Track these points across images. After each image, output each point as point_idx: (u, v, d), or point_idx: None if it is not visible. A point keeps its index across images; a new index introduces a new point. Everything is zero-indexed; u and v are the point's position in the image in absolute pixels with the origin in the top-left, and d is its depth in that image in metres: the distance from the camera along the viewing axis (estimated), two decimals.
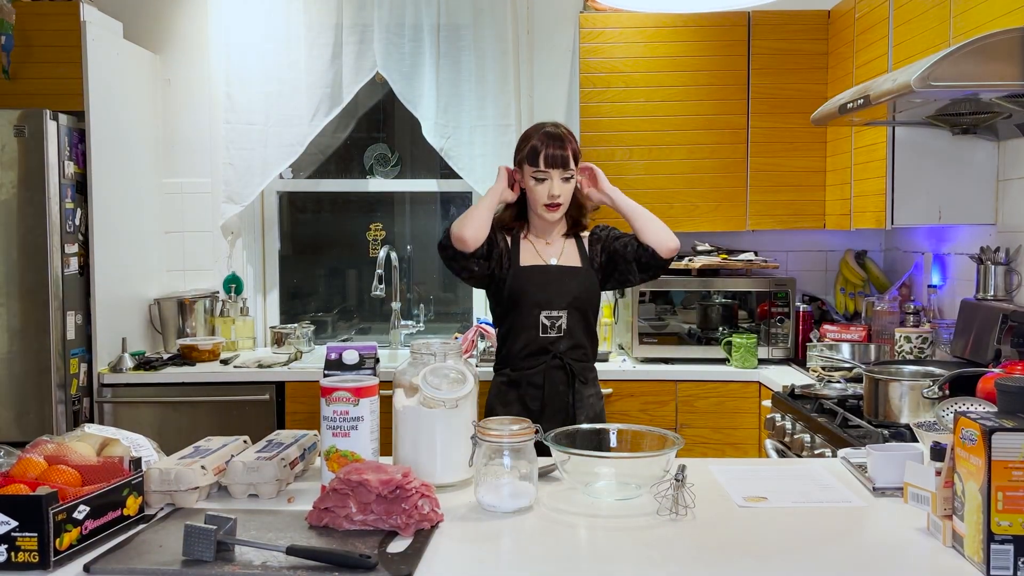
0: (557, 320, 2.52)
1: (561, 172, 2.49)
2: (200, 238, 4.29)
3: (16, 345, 3.47)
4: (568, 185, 2.52)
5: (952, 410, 2.07)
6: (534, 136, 2.53)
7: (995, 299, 2.96)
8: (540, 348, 2.53)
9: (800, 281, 4.17)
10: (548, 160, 2.48)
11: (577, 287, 2.55)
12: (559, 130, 2.54)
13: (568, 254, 2.60)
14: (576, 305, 2.54)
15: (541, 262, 2.57)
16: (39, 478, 1.57)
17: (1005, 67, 2.27)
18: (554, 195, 2.50)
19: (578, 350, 2.56)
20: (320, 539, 1.56)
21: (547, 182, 2.50)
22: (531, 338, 2.53)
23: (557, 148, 2.48)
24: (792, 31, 3.85)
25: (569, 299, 2.53)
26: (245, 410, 3.66)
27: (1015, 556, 1.39)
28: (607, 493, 1.80)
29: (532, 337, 2.53)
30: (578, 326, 2.55)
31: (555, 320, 2.52)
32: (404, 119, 4.37)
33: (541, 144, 2.49)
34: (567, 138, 2.52)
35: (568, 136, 2.53)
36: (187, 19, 4.26)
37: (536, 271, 2.55)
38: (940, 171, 3.13)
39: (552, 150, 2.48)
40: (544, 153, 2.48)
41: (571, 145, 2.52)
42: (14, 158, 3.43)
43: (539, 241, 2.61)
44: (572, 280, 2.56)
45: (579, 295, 2.55)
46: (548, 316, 2.52)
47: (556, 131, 2.53)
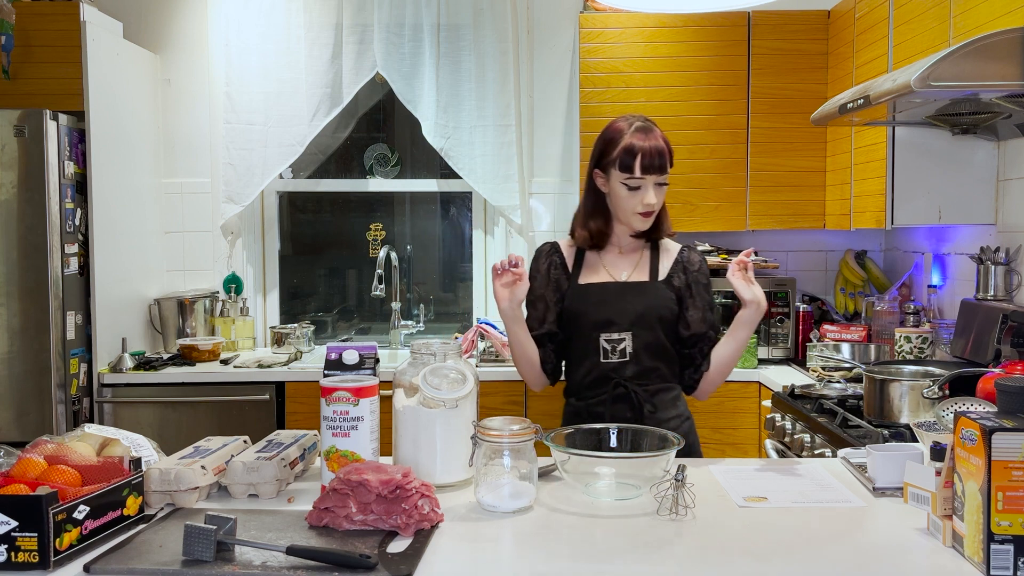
0: (620, 343, 2.20)
1: (657, 177, 2.18)
2: (200, 238, 4.29)
3: (16, 345, 3.47)
4: (663, 189, 2.21)
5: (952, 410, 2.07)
6: (624, 135, 2.18)
7: (995, 299, 2.96)
8: (603, 375, 2.22)
9: (800, 281, 4.17)
10: (645, 164, 2.15)
11: (643, 304, 2.21)
12: (650, 128, 2.20)
13: (640, 267, 2.28)
14: (640, 324, 2.21)
15: (604, 278, 2.26)
16: (39, 478, 1.57)
17: (1005, 67, 2.27)
18: (649, 203, 2.18)
19: (649, 374, 2.23)
20: (320, 539, 1.56)
21: (641, 190, 2.17)
22: (593, 364, 2.23)
23: (655, 149, 2.16)
24: (792, 31, 3.85)
25: (632, 318, 2.20)
26: (245, 410, 3.66)
27: (1015, 556, 1.39)
28: (607, 493, 1.80)
29: (595, 363, 2.23)
30: (646, 349, 2.21)
31: (617, 343, 2.21)
32: (404, 119, 4.37)
33: (636, 147, 2.15)
34: (661, 138, 2.19)
35: (660, 134, 2.20)
36: (187, 19, 4.26)
37: (596, 289, 2.24)
38: (940, 171, 3.13)
39: (651, 152, 2.15)
40: (641, 159, 2.15)
41: (667, 145, 2.20)
42: (14, 158, 3.43)
43: (610, 252, 2.30)
44: (637, 297, 2.23)
45: (644, 313, 2.21)
46: (608, 339, 2.21)
47: (642, 129, 2.18)
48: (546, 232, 4.29)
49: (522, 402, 3.67)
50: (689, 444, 2.22)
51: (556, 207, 4.30)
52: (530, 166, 4.28)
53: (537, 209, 4.31)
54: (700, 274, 2.29)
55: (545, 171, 4.30)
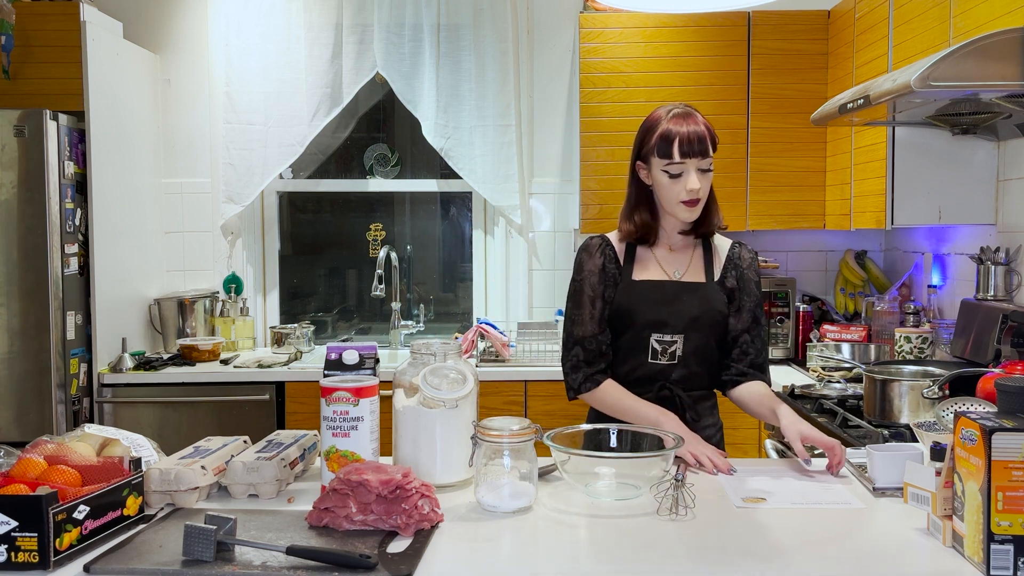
0: (671, 346, 2.14)
1: (699, 162, 2.08)
2: (200, 238, 4.29)
3: (16, 345, 3.47)
4: (708, 175, 2.11)
5: (952, 410, 2.07)
6: (662, 121, 2.10)
7: (995, 299, 2.96)
8: (648, 375, 2.15)
9: (800, 281, 4.17)
10: (684, 149, 2.06)
11: (699, 307, 2.14)
12: (689, 113, 2.12)
13: (695, 266, 2.20)
14: (695, 329, 2.14)
15: (659, 276, 2.18)
16: (39, 478, 1.57)
17: (1005, 67, 2.27)
18: (692, 189, 2.07)
19: (694, 379, 2.17)
20: (320, 539, 1.56)
21: (683, 176, 2.08)
22: (639, 363, 2.16)
23: (694, 134, 2.07)
24: (792, 31, 3.85)
25: (687, 321, 2.13)
26: (245, 410, 3.66)
27: (1015, 556, 1.39)
28: (607, 493, 1.80)
29: (640, 362, 2.16)
30: (695, 353, 2.15)
31: (668, 345, 2.14)
32: (404, 119, 4.37)
33: (674, 131, 2.07)
34: (701, 121, 2.11)
35: (701, 118, 2.12)
36: (187, 19, 4.26)
37: (650, 287, 2.16)
38: (940, 171, 3.13)
39: (689, 137, 2.06)
40: (679, 141, 2.06)
41: (708, 129, 2.11)
42: (14, 158, 3.43)
43: (660, 249, 2.21)
44: (692, 298, 2.15)
45: (700, 316, 2.13)
46: (660, 340, 2.13)
47: (681, 114, 2.10)
48: (546, 232, 4.29)
49: (522, 402, 3.67)
50: None
51: (556, 207, 4.30)
52: (530, 166, 4.28)
53: (537, 209, 4.31)
54: (751, 271, 2.23)
55: (545, 171, 4.30)
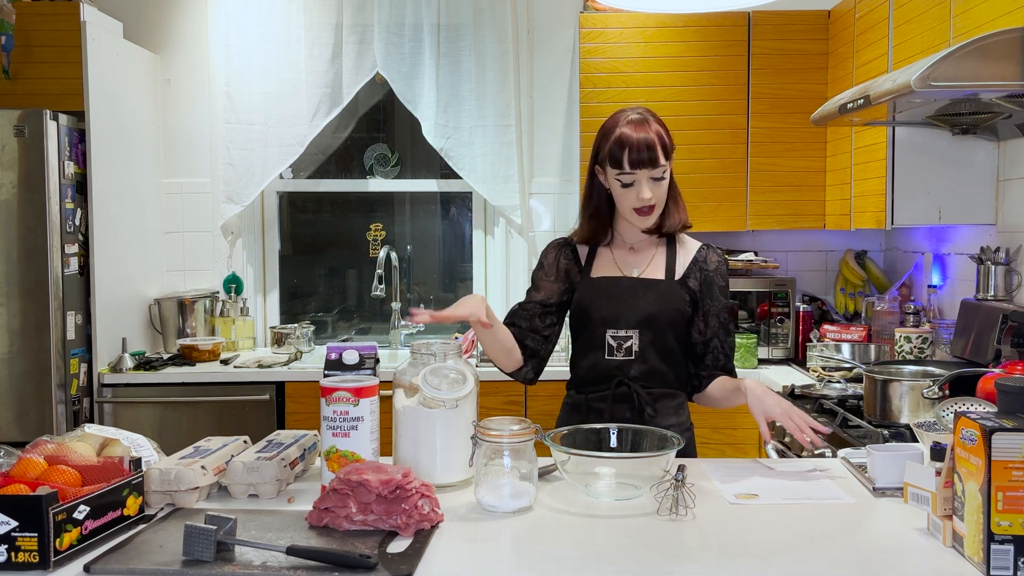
0: (626, 341, 2.15)
1: (649, 171, 2.09)
2: (200, 238, 4.29)
3: (16, 345, 3.47)
4: (661, 183, 2.12)
5: (952, 410, 2.07)
6: (614, 131, 2.12)
7: (995, 299, 2.96)
8: (605, 372, 2.17)
9: (800, 281, 4.17)
10: (634, 159, 2.08)
11: (653, 303, 2.15)
12: (644, 120, 2.12)
13: (655, 264, 2.21)
14: (650, 324, 2.14)
15: (616, 273, 2.21)
16: (39, 478, 1.57)
17: (1005, 67, 2.27)
18: (644, 198, 2.10)
19: (654, 376, 2.17)
20: (320, 539, 1.56)
21: (635, 186, 2.10)
22: (596, 360, 2.18)
23: (643, 143, 2.08)
24: (792, 31, 3.85)
25: (641, 316, 2.14)
26: (245, 410, 3.66)
27: (1015, 556, 1.39)
28: (607, 493, 1.80)
29: (598, 359, 2.17)
30: (653, 349, 2.15)
31: (623, 341, 2.15)
32: (404, 119, 4.37)
33: (624, 140, 2.09)
34: (653, 130, 2.11)
35: (655, 126, 2.12)
36: (187, 19, 4.26)
37: (605, 283, 2.19)
38: (940, 171, 3.13)
39: (639, 147, 2.07)
40: (628, 153, 2.08)
41: (659, 136, 2.10)
42: (14, 158, 3.43)
43: (622, 249, 2.24)
44: (648, 294, 2.16)
45: (655, 313, 2.14)
46: (615, 336, 2.15)
47: (635, 121, 2.11)
48: (546, 232, 4.29)
49: (522, 402, 3.67)
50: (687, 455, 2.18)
51: (556, 207, 4.30)
52: (530, 166, 4.28)
53: (537, 209, 4.31)
54: (717, 275, 2.22)
55: (545, 171, 4.30)
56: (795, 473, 1.97)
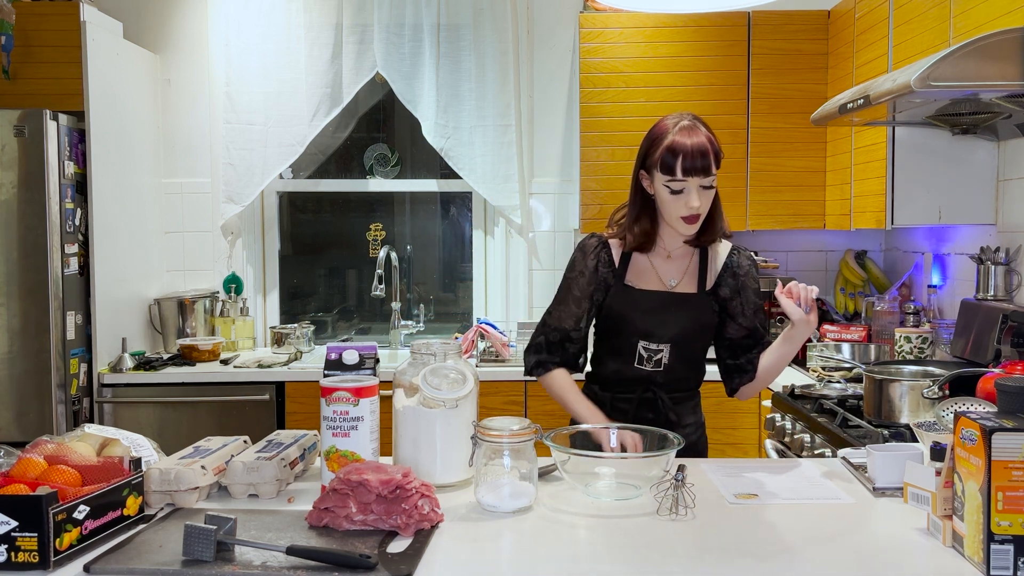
0: (656, 353, 2.18)
1: (701, 179, 2.07)
2: (200, 238, 4.29)
3: (16, 345, 3.47)
4: (710, 192, 2.10)
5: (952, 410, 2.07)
6: (667, 135, 2.09)
7: (995, 299, 2.96)
8: (634, 378, 2.20)
9: (800, 281, 4.15)
10: (687, 166, 2.05)
11: (686, 319, 2.18)
12: (689, 126, 2.09)
13: (689, 274, 2.21)
14: (682, 340, 2.18)
15: (654, 285, 2.20)
16: (39, 478, 1.57)
17: (1005, 67, 2.27)
18: (693, 206, 2.08)
19: (678, 383, 2.23)
20: (320, 539, 1.56)
21: (684, 193, 2.08)
22: (626, 366, 2.20)
23: (698, 152, 2.05)
24: (792, 31, 3.85)
25: (674, 332, 2.17)
26: (245, 410, 3.66)
27: (1015, 556, 1.39)
28: (607, 493, 1.80)
29: (627, 365, 2.20)
30: (680, 360, 2.20)
31: (654, 353, 2.18)
32: (404, 119, 4.37)
33: (678, 147, 2.06)
34: (705, 136, 2.09)
35: (705, 132, 2.10)
36: (187, 19, 4.26)
37: (643, 296, 2.18)
38: (940, 171, 3.13)
39: (692, 154, 2.05)
40: (682, 160, 2.05)
41: (712, 144, 2.09)
42: (14, 158, 3.43)
43: (659, 256, 2.21)
44: (682, 310, 2.18)
45: (687, 329, 2.18)
46: (647, 348, 2.17)
47: (687, 128, 2.09)
48: (546, 232, 4.29)
49: (522, 402, 3.67)
50: (699, 450, 2.30)
51: (556, 207, 4.30)
52: (530, 166, 4.28)
53: (537, 209, 4.31)
54: (749, 278, 2.23)
55: (545, 171, 4.30)
56: (795, 473, 1.97)
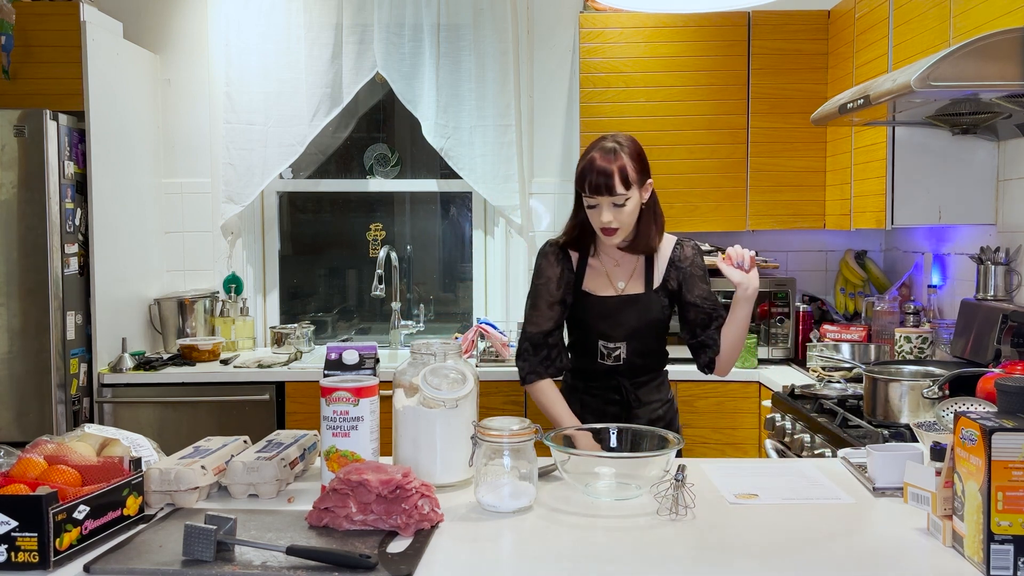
0: (615, 350, 2.39)
1: (609, 198, 2.25)
2: (200, 238, 4.29)
3: (16, 345, 3.47)
4: (623, 209, 2.27)
5: (952, 410, 2.07)
6: (586, 155, 2.30)
7: (995, 299, 2.96)
8: (600, 371, 2.43)
9: (800, 281, 4.17)
10: (593, 187, 2.26)
11: (636, 319, 2.38)
12: (609, 149, 2.27)
13: (636, 275, 2.41)
14: (634, 335, 2.39)
15: (603, 290, 2.40)
16: (39, 478, 1.57)
17: (1005, 67, 2.27)
18: (603, 222, 2.28)
19: (638, 370, 2.44)
20: (320, 539, 1.56)
21: (597, 208, 2.28)
22: (590, 361, 2.43)
23: (601, 173, 2.24)
24: (792, 31, 3.85)
25: (627, 331, 2.38)
26: (245, 410, 3.66)
27: (1015, 556, 1.39)
28: (607, 493, 1.80)
29: (592, 362, 2.42)
30: (637, 352, 2.41)
31: (613, 350, 2.39)
32: (404, 119, 4.37)
33: (587, 167, 2.27)
34: (619, 161, 2.25)
35: (620, 156, 2.26)
36: (187, 19, 4.26)
37: (596, 301, 2.39)
38: (940, 171, 3.13)
39: (596, 175, 2.24)
40: (589, 179, 2.26)
41: (621, 168, 2.24)
42: (14, 158, 3.43)
43: (608, 259, 2.42)
44: (632, 311, 2.38)
45: (638, 327, 2.39)
46: (606, 346, 2.39)
47: (605, 150, 2.27)
48: (546, 232, 4.29)
49: (522, 402, 3.67)
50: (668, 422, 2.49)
51: (556, 207, 4.30)
52: (530, 166, 4.28)
53: (537, 209, 4.31)
54: (694, 267, 2.44)
55: (545, 171, 4.30)
56: (795, 473, 1.97)
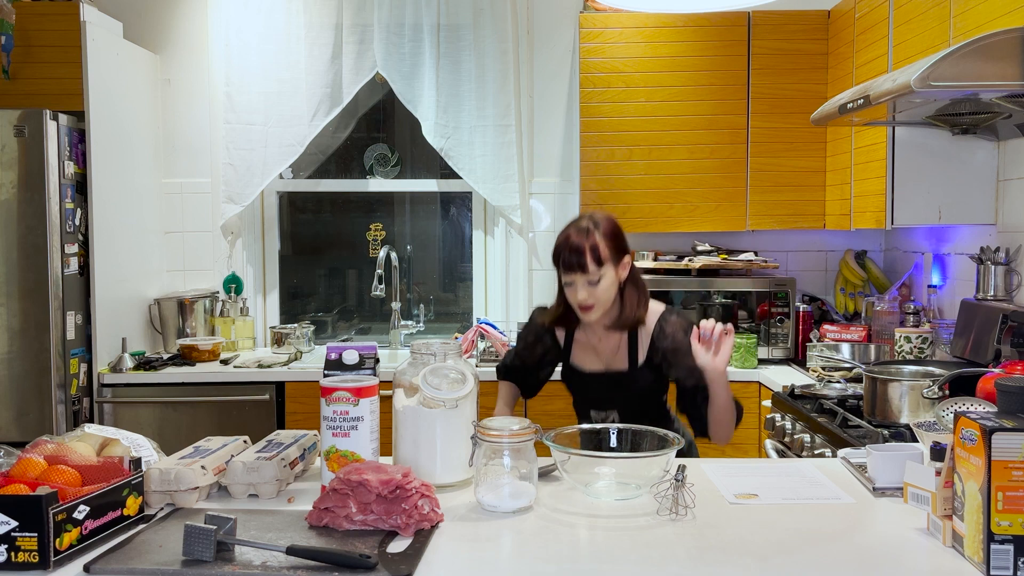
0: (607, 417, 2.40)
1: (583, 276, 2.26)
2: (200, 238, 4.29)
3: (16, 345, 3.47)
4: (598, 287, 2.27)
5: (952, 410, 2.07)
6: (565, 230, 2.32)
7: (995, 299, 2.96)
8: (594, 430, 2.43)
9: (800, 281, 4.17)
10: (567, 264, 2.28)
11: (624, 394, 2.39)
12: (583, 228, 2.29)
13: (621, 351, 2.39)
14: (625, 404, 2.39)
15: (590, 365, 2.41)
16: (39, 478, 1.57)
17: (1005, 67, 2.27)
18: (578, 300, 2.29)
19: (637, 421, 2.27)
20: (320, 539, 1.56)
21: (572, 286, 2.30)
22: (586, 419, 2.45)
23: (575, 251, 2.26)
24: (792, 31, 3.85)
25: (617, 403, 2.40)
26: (245, 410, 3.66)
27: (1015, 556, 1.39)
28: (607, 493, 1.80)
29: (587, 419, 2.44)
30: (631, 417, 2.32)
31: (605, 417, 2.41)
32: (404, 119, 4.37)
33: (561, 244, 2.29)
34: (591, 239, 2.27)
35: (592, 234, 2.27)
36: (187, 19, 4.26)
37: (583, 376, 2.43)
38: (940, 171, 3.13)
39: (570, 253, 2.27)
40: (563, 256, 2.28)
41: (593, 247, 2.25)
42: (14, 158, 3.43)
43: (592, 336, 2.42)
44: (619, 386, 2.39)
45: (626, 399, 2.39)
46: (597, 413, 2.43)
47: (581, 228, 2.29)
48: (546, 232, 4.29)
49: (522, 402, 3.66)
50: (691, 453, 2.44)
51: (556, 207, 4.30)
52: (530, 166, 4.28)
53: (537, 209, 4.31)
54: (675, 342, 2.33)
55: (545, 171, 4.30)
56: (795, 473, 1.97)
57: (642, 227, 3.93)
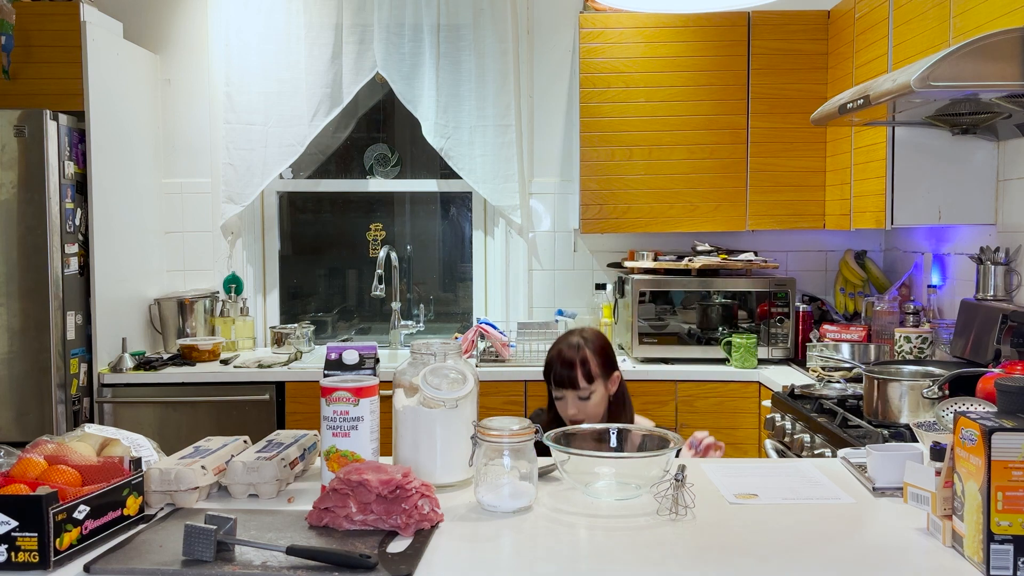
0: None
1: (574, 392, 2.35)
2: (200, 238, 4.29)
3: (16, 345, 3.47)
4: (588, 402, 2.36)
5: (952, 410, 2.07)
6: (555, 347, 2.40)
7: (995, 299, 2.96)
8: None
9: (800, 281, 4.17)
10: (558, 380, 2.36)
11: None
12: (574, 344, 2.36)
13: None
14: None
15: None
16: (39, 478, 1.57)
17: (1005, 67, 2.27)
18: (568, 415, 2.36)
19: None
20: (320, 539, 1.56)
21: (563, 400, 2.37)
22: None
23: (566, 367, 2.34)
24: (792, 31, 3.85)
25: None
26: (245, 410, 3.66)
27: (1015, 556, 1.39)
28: (607, 493, 1.80)
29: None
30: None
31: None
32: (404, 119, 4.37)
33: (552, 360, 2.37)
34: (582, 355, 2.34)
35: (583, 350, 2.35)
36: (187, 19, 4.26)
37: None
38: (940, 171, 3.13)
39: (561, 368, 2.34)
40: (554, 372, 2.36)
41: (584, 363, 2.33)
42: (14, 158, 3.43)
43: None
44: None
45: None
46: None
47: (572, 345, 2.36)
48: (546, 232, 4.30)
49: (522, 402, 3.67)
50: None
51: (556, 207, 4.30)
52: (530, 166, 4.28)
53: (537, 209, 4.31)
54: None
55: (545, 171, 4.30)
56: (795, 473, 1.97)
57: (642, 227, 3.93)
